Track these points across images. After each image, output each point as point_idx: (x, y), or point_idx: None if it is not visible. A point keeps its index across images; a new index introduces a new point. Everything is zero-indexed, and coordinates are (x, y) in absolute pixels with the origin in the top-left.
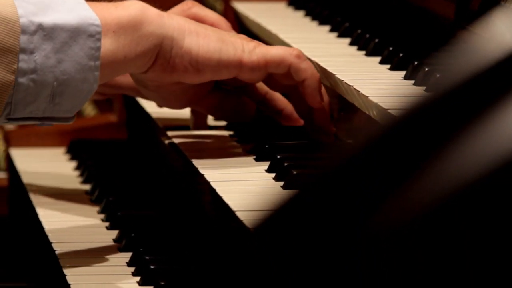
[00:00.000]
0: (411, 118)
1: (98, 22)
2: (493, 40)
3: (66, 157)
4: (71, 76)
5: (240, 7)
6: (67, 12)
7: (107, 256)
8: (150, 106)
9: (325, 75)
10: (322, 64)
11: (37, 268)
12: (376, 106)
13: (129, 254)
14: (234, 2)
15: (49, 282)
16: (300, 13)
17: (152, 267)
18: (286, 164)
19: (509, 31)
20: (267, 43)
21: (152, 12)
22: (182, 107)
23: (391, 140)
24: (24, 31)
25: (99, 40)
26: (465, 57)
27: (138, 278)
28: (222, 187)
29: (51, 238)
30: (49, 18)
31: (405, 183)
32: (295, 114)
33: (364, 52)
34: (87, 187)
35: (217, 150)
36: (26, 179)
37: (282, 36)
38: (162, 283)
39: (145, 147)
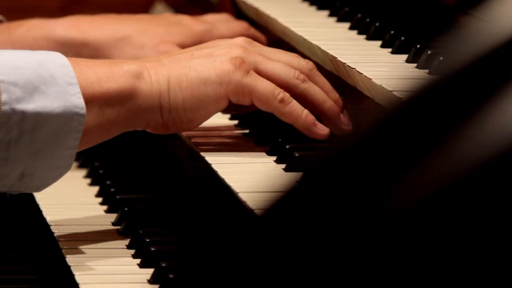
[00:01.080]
0: (419, 100)
1: (83, 111)
2: (495, 24)
3: None
4: (45, 162)
5: None
6: (54, 98)
7: (107, 239)
8: None
9: (326, 59)
10: (323, 48)
11: (37, 253)
12: (380, 88)
13: (128, 237)
14: None
15: (49, 266)
16: None
17: (152, 249)
18: (287, 146)
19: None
20: (265, 28)
21: (143, 81)
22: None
23: (398, 123)
24: (4, 121)
25: (80, 131)
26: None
27: (138, 261)
28: (224, 169)
29: (49, 221)
30: (33, 105)
31: (413, 167)
32: None
33: (364, 36)
34: (83, 171)
35: (217, 134)
36: None
37: (282, 20)
38: (163, 265)
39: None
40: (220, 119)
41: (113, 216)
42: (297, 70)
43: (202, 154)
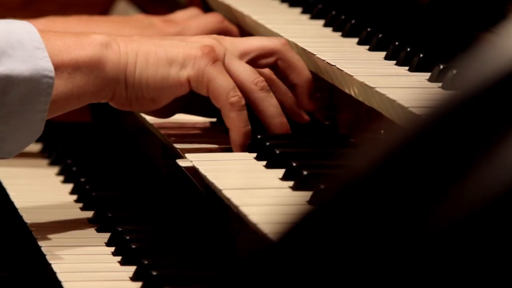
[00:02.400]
0: (443, 121)
1: (52, 73)
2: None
3: None
4: (16, 125)
5: None
6: (22, 61)
7: (85, 237)
8: None
9: (302, 56)
10: (300, 45)
11: (13, 253)
12: (361, 84)
13: (106, 235)
14: None
15: (27, 267)
16: None
17: (133, 246)
18: (268, 143)
19: None
20: (236, 25)
21: (111, 50)
22: (168, 116)
23: (423, 144)
24: None
25: (50, 94)
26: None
27: (119, 258)
28: (205, 167)
29: (26, 219)
30: (2, 67)
31: (442, 191)
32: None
33: (340, 33)
34: (55, 169)
35: (194, 130)
36: None
37: (255, 17)
38: (146, 262)
39: (111, 128)
40: (200, 119)
41: (89, 213)
42: (260, 77)
43: (179, 149)
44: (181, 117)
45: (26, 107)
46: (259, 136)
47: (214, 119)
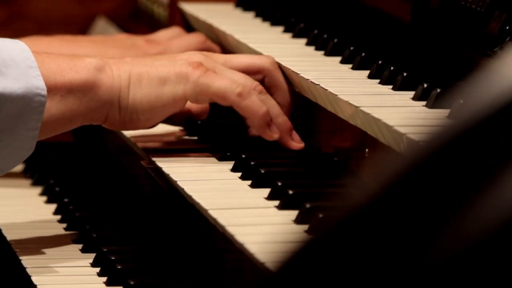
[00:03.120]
0: (445, 152)
1: (44, 92)
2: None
3: None
4: (8, 143)
5: (189, 8)
6: (15, 80)
7: (70, 258)
8: None
9: (286, 75)
10: (284, 64)
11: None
12: (345, 103)
13: (91, 255)
14: (181, 3)
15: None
16: (250, 15)
17: (119, 267)
18: (252, 163)
19: None
20: (218, 44)
21: (104, 74)
22: (152, 127)
23: (422, 176)
24: None
25: (42, 112)
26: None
27: (104, 279)
28: (189, 186)
29: (10, 240)
30: None
31: (442, 225)
32: None
33: (322, 52)
34: (38, 189)
35: (177, 149)
36: None
37: (238, 37)
38: (132, 283)
39: (93, 148)
40: (175, 130)
41: (73, 234)
42: (256, 81)
43: (164, 169)
44: (157, 129)
45: (18, 125)
46: (243, 156)
47: (181, 127)
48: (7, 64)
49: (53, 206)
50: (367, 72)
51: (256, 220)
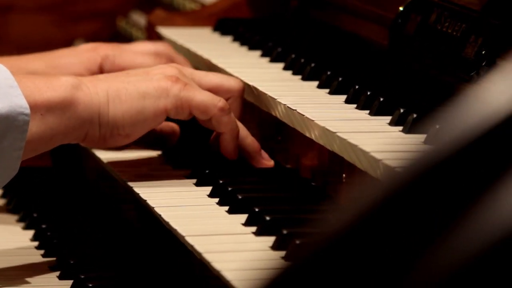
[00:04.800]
0: (422, 177)
1: (27, 110)
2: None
3: None
4: None
5: (166, 33)
6: None
7: (47, 285)
8: None
9: (263, 100)
10: (261, 89)
11: None
12: (322, 129)
13: (68, 282)
14: (159, 27)
15: None
16: (228, 39)
17: None
18: (230, 189)
19: None
20: (197, 68)
21: (81, 92)
22: (121, 147)
23: (401, 203)
24: None
25: (25, 131)
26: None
27: None
28: (167, 213)
29: None
30: None
31: (423, 251)
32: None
33: (300, 76)
34: (16, 215)
35: (154, 174)
36: None
37: (215, 61)
38: None
39: (71, 173)
40: (151, 155)
41: (51, 261)
42: (221, 101)
43: (141, 195)
44: (133, 154)
45: (3, 145)
46: (221, 181)
47: (159, 151)
48: None
49: (31, 232)
50: (344, 97)
51: (233, 246)
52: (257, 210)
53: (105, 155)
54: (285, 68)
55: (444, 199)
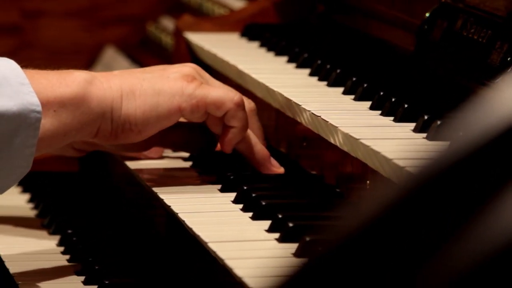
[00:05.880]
0: (437, 180)
1: (39, 108)
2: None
3: (18, 189)
4: (5, 161)
5: (194, 38)
6: (9, 98)
7: None
8: None
9: (288, 106)
10: (286, 95)
11: None
12: (346, 135)
13: (94, 287)
14: (187, 33)
15: None
16: (255, 44)
17: None
18: (254, 195)
19: None
20: (222, 74)
21: (95, 86)
22: (143, 150)
23: (415, 205)
24: None
25: (38, 128)
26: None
27: None
28: (191, 219)
29: (12, 270)
30: None
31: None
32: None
33: (325, 82)
34: (43, 220)
35: (179, 180)
36: None
37: (241, 67)
38: None
39: (98, 178)
40: (181, 163)
41: (76, 266)
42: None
43: (165, 201)
44: (160, 160)
45: (15, 142)
46: (245, 187)
47: (187, 154)
48: (0, 83)
49: (57, 237)
50: (369, 103)
51: (255, 253)
52: (280, 216)
53: (131, 163)
54: (311, 74)
55: (458, 200)
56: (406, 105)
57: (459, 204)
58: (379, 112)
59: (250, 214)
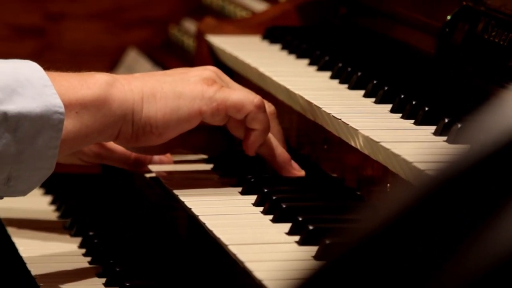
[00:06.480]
0: (453, 181)
1: (62, 109)
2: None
3: (41, 191)
4: (29, 163)
5: (215, 41)
6: (32, 99)
7: None
8: None
9: (308, 108)
10: (307, 98)
11: None
12: (366, 138)
13: None
14: (208, 35)
15: None
16: (277, 47)
17: None
18: (274, 197)
19: None
20: (244, 77)
21: (116, 89)
22: (164, 153)
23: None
24: None
25: (60, 129)
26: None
27: None
28: (212, 221)
29: (34, 271)
30: (14, 106)
31: (449, 256)
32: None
33: (346, 85)
34: (65, 222)
35: (200, 182)
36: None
37: (262, 70)
38: None
39: (120, 181)
40: (202, 167)
41: (97, 268)
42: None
43: (186, 203)
44: (181, 163)
45: (38, 144)
46: (266, 190)
47: (205, 156)
48: (23, 84)
49: (78, 239)
50: (389, 106)
51: (275, 256)
52: (300, 219)
53: (154, 167)
54: (332, 77)
55: (477, 203)
56: (426, 108)
57: (477, 206)
58: (400, 115)
59: (271, 216)
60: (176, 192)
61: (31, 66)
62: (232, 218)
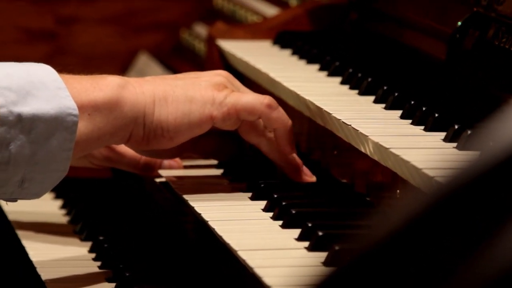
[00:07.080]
0: (464, 189)
1: (76, 111)
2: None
3: (51, 195)
4: (43, 165)
5: (226, 46)
6: (46, 101)
7: None
8: None
9: (318, 114)
10: (317, 103)
11: None
12: (376, 144)
13: None
14: (219, 40)
15: None
16: (287, 52)
17: None
18: (284, 203)
19: None
20: (254, 82)
21: (127, 91)
22: (175, 157)
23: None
24: (3, 122)
25: (74, 131)
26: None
27: None
28: (221, 227)
29: (44, 276)
30: (28, 108)
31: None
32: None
33: (356, 91)
34: (75, 226)
35: (210, 187)
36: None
37: (273, 75)
38: None
39: (130, 185)
40: (212, 172)
41: (107, 272)
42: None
43: (196, 208)
44: (191, 169)
45: (52, 145)
46: (275, 196)
47: (216, 161)
48: (37, 86)
49: (88, 244)
50: (399, 112)
51: (285, 261)
52: (310, 225)
53: (164, 172)
54: (342, 83)
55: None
56: (436, 114)
57: (488, 213)
58: (410, 121)
59: (280, 222)
60: (186, 197)
61: (45, 69)
62: (241, 223)
